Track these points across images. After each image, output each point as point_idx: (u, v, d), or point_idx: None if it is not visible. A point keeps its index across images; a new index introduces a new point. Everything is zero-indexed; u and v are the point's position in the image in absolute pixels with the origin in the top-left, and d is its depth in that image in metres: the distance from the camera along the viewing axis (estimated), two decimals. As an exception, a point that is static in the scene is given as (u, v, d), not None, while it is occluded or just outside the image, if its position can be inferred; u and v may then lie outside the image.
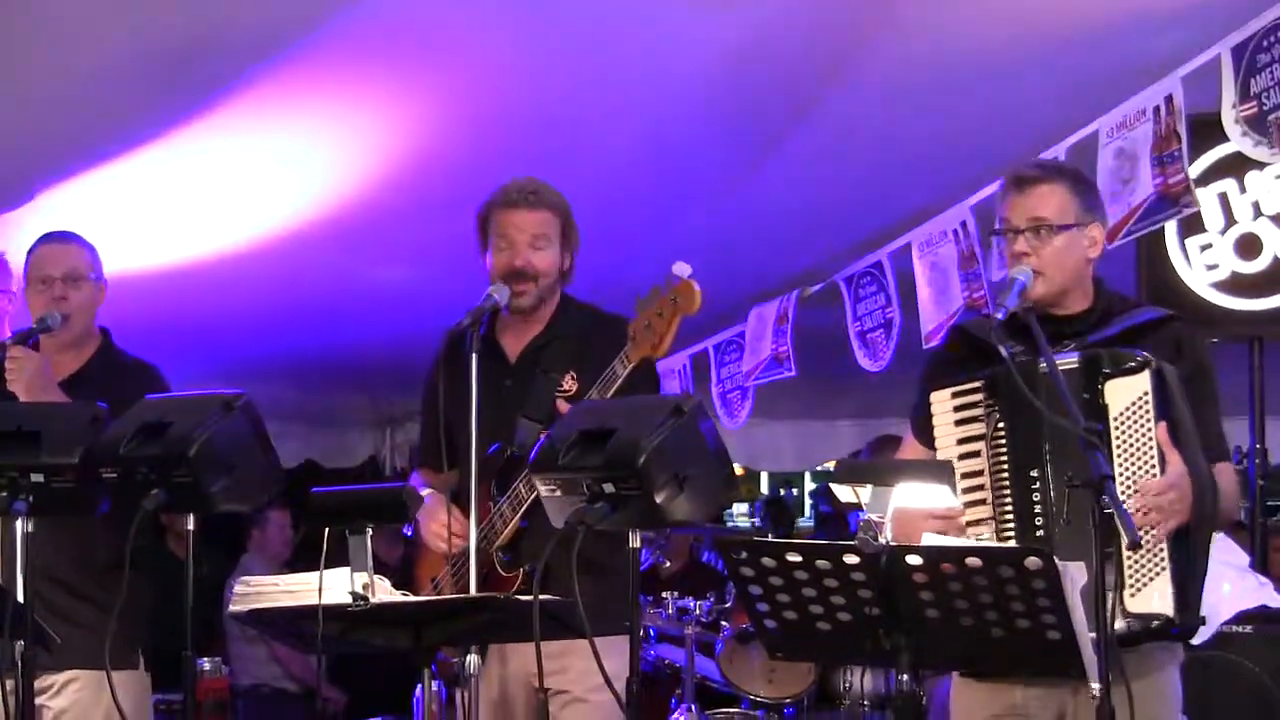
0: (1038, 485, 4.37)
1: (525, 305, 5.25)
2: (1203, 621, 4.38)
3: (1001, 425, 4.45)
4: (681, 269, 4.83)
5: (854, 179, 7.46)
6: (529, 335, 5.33)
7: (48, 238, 5.65)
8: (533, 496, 4.90)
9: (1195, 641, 4.62)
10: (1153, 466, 4.19)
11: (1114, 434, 4.23)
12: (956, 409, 4.54)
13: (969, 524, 4.41)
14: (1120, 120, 6.20)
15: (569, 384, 5.16)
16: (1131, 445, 4.22)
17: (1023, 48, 6.14)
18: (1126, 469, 4.21)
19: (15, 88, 6.00)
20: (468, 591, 4.86)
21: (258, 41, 5.82)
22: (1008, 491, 4.43)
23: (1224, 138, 5.93)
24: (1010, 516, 4.41)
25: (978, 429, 4.50)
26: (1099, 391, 4.28)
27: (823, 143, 7.07)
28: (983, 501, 4.46)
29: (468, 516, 4.97)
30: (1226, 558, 6.31)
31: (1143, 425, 4.21)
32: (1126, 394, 4.25)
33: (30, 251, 5.63)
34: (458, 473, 5.14)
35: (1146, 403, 4.22)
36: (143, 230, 6.25)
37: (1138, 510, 4.08)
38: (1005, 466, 4.44)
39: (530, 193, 5.24)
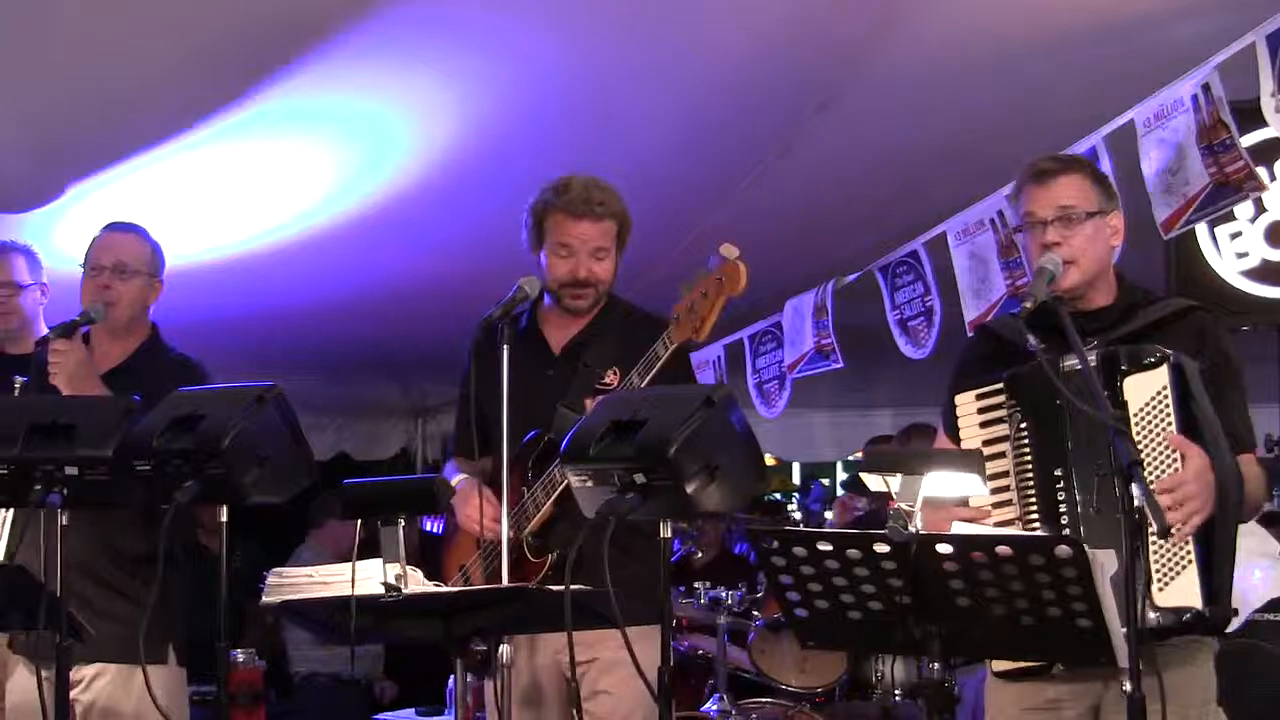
0: (1062, 483, 4.36)
1: (582, 309, 5.27)
2: (1235, 613, 4.36)
3: (1024, 425, 4.45)
4: (729, 250, 4.79)
5: (886, 170, 7.46)
6: (574, 328, 5.35)
7: (109, 227, 5.67)
8: (566, 482, 4.91)
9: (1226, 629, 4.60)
10: (1174, 461, 4.16)
11: (1134, 430, 4.20)
12: (980, 410, 4.55)
13: (996, 525, 4.40)
14: (1157, 110, 6.18)
15: (611, 378, 5.17)
16: (1152, 440, 4.20)
17: (1055, 36, 6.13)
18: (1148, 464, 4.17)
19: (45, 84, 6.02)
20: (498, 579, 4.87)
21: (291, 36, 5.84)
22: (1032, 490, 4.42)
23: (1254, 125, 5.91)
24: (1035, 515, 4.40)
25: (1001, 430, 4.50)
26: (1118, 389, 4.26)
27: (854, 133, 7.06)
28: (1009, 502, 4.46)
29: (501, 503, 4.99)
30: (1257, 546, 6.31)
31: (1162, 420, 4.20)
32: (1145, 389, 4.24)
33: (93, 238, 5.65)
34: (492, 460, 5.15)
35: (1166, 398, 4.20)
36: (176, 223, 6.26)
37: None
38: (1029, 465, 4.44)
39: (597, 204, 5.19)
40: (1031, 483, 4.43)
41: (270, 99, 6.25)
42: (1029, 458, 4.44)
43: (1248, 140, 5.98)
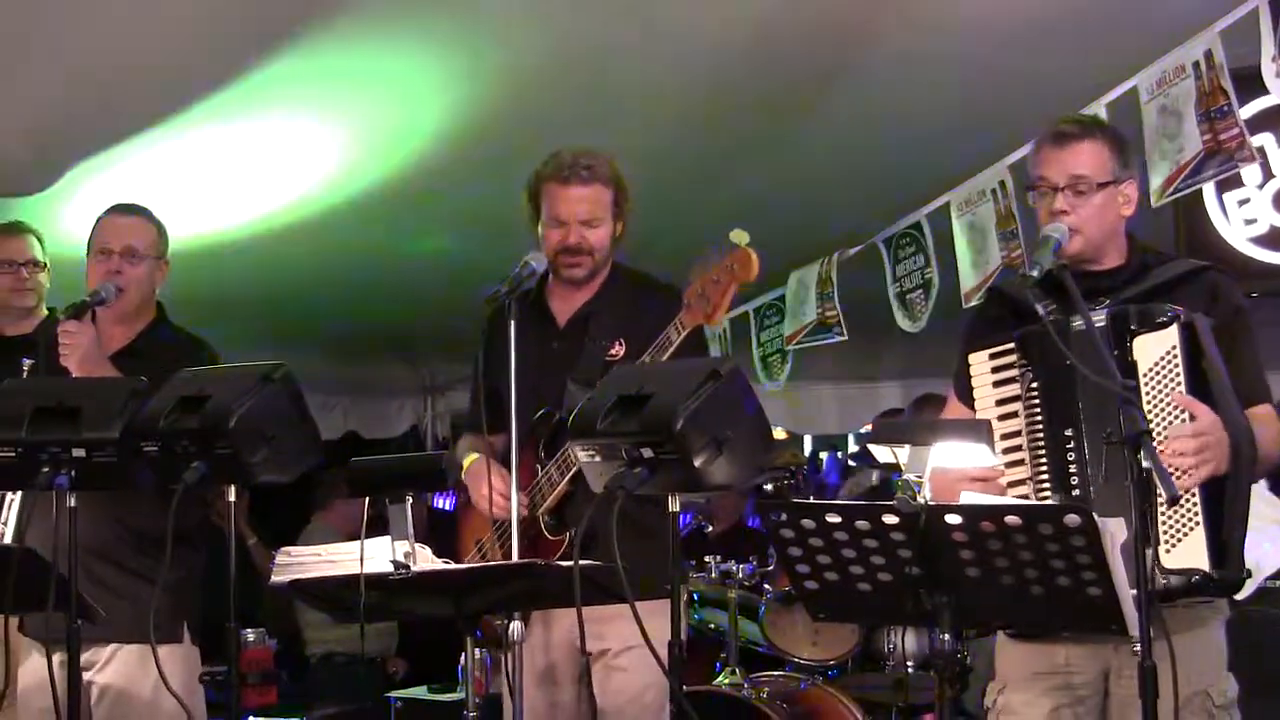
0: (1072, 444, 4.36)
1: (579, 278, 5.26)
2: (1248, 575, 4.34)
3: (1035, 385, 4.45)
4: (739, 236, 4.76)
5: (890, 141, 7.44)
6: (579, 300, 5.34)
7: (113, 209, 5.61)
8: (580, 461, 4.91)
9: (1239, 597, 4.58)
10: (1183, 420, 4.15)
11: (1144, 389, 4.20)
12: (994, 370, 4.54)
13: (1008, 485, 4.39)
14: (1159, 77, 6.16)
15: (617, 349, 5.18)
16: (1162, 400, 4.19)
17: (1058, 4, 6.11)
18: (1157, 423, 4.17)
19: (42, 66, 6.00)
20: (512, 555, 4.87)
21: (293, 8, 5.83)
22: (1043, 451, 4.42)
23: (1261, 91, 5.90)
24: (1046, 476, 4.40)
25: (1014, 389, 4.49)
26: (1128, 348, 4.26)
27: (859, 105, 7.05)
28: (1021, 462, 4.45)
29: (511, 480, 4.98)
30: (1269, 513, 6.29)
31: (1172, 380, 4.19)
32: (1155, 349, 4.23)
33: (98, 219, 5.60)
34: (503, 437, 5.15)
35: (1175, 357, 4.19)
36: (181, 202, 6.25)
37: (1170, 461, 4.05)
38: (1040, 426, 4.43)
39: (584, 167, 5.20)
40: (1043, 443, 4.42)
41: (274, 76, 6.24)
42: (1040, 418, 4.43)
43: (1250, 108, 5.96)
